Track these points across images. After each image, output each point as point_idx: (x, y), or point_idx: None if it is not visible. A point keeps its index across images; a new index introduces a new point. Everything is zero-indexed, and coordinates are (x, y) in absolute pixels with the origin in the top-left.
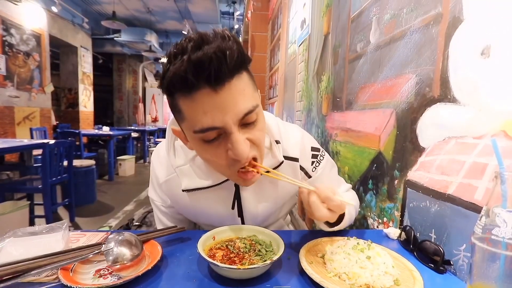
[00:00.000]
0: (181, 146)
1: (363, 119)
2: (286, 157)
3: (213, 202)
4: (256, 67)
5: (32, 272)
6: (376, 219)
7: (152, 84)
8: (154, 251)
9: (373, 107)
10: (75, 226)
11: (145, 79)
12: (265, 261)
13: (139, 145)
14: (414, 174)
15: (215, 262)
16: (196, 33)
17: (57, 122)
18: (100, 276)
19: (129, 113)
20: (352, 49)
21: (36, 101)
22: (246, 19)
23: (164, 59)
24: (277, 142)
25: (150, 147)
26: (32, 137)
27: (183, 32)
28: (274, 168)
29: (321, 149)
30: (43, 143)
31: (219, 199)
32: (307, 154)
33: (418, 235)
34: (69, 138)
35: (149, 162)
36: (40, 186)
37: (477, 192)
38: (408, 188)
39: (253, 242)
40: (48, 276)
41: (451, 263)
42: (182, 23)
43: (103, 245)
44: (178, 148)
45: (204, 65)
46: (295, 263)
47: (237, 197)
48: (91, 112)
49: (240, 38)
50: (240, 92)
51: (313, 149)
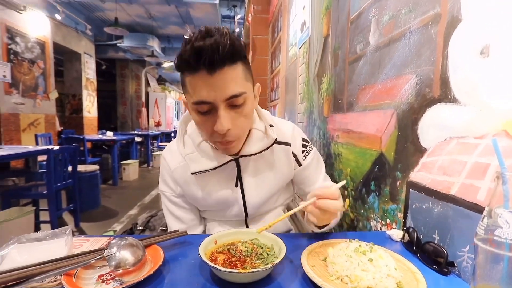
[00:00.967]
0: (189, 135)
1: (364, 121)
2: (279, 142)
3: (218, 182)
4: (257, 70)
5: (36, 278)
6: (379, 220)
7: (155, 88)
8: (156, 256)
9: (374, 108)
10: (80, 231)
11: (148, 84)
12: (266, 264)
13: (142, 149)
14: (416, 175)
15: (216, 266)
16: (205, 27)
17: (62, 128)
18: (103, 281)
19: (132, 118)
20: (352, 51)
21: (40, 107)
22: (247, 22)
23: (166, 64)
24: (271, 126)
25: (153, 151)
26: (37, 143)
27: (184, 36)
28: (268, 147)
29: (310, 142)
30: (48, 149)
31: (223, 179)
32: (297, 143)
33: (421, 237)
34: (74, 144)
35: (153, 166)
36: (45, 192)
37: (480, 193)
38: (410, 189)
39: (254, 245)
40: (51, 281)
41: (455, 264)
42: (183, 28)
43: (106, 251)
44: (186, 140)
45: (202, 52)
46: (297, 266)
47: (239, 177)
48: (95, 117)
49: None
50: (231, 78)
51: (303, 139)
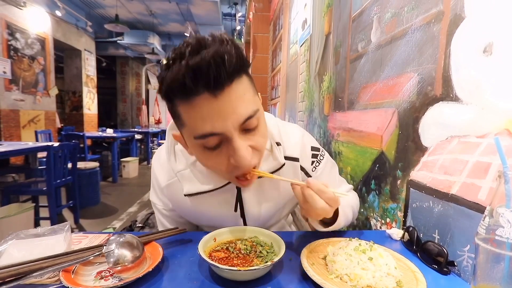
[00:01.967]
0: (181, 150)
1: (365, 119)
2: (286, 157)
3: (215, 205)
4: (258, 68)
5: (34, 274)
6: (379, 219)
7: (155, 86)
8: (155, 253)
9: (375, 106)
10: (80, 228)
11: (148, 81)
12: (266, 262)
13: (142, 147)
14: (417, 174)
15: (216, 263)
16: (193, 37)
17: (62, 124)
18: (102, 278)
19: (132, 115)
20: (353, 49)
21: (41, 104)
22: (248, 20)
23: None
24: (278, 144)
25: (153, 149)
26: (37, 140)
27: (185, 34)
28: (276, 171)
29: (321, 148)
30: (48, 145)
31: (221, 202)
32: (307, 154)
33: (421, 236)
34: (73, 141)
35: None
36: (44, 188)
37: (481, 192)
38: (411, 188)
39: (254, 243)
40: (50, 278)
41: (455, 264)
42: (184, 25)
43: (104, 247)
44: (178, 152)
45: (203, 70)
46: (297, 265)
47: (239, 199)
48: (95, 114)
49: (242, 39)
50: (240, 96)
51: (313, 148)
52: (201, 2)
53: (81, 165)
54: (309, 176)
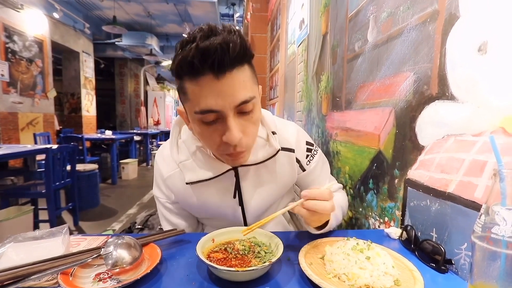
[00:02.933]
0: (184, 141)
1: (363, 118)
2: (282, 148)
3: (215, 193)
4: (256, 68)
5: (33, 277)
6: (378, 218)
7: (154, 87)
8: (153, 254)
9: (372, 106)
10: (79, 230)
11: (146, 82)
12: (264, 262)
13: (141, 148)
14: (414, 173)
15: (214, 264)
16: (206, 24)
17: (60, 127)
18: (100, 280)
19: (131, 117)
20: (350, 48)
21: (39, 106)
22: (246, 20)
23: (165, 62)
24: (274, 133)
25: (152, 150)
26: (35, 143)
27: (183, 35)
28: (271, 157)
29: (315, 144)
30: (46, 148)
31: (220, 189)
32: (302, 147)
33: (419, 235)
34: (72, 143)
35: (152, 165)
36: (44, 191)
37: (477, 190)
38: (408, 187)
39: (252, 244)
40: (48, 280)
41: (453, 262)
42: (182, 26)
43: (102, 249)
44: (181, 145)
45: (210, 53)
46: (295, 264)
47: (237, 187)
48: (93, 116)
49: None
50: (240, 82)
51: (307, 143)
52: (198, 3)
53: (80, 167)
54: (304, 169)
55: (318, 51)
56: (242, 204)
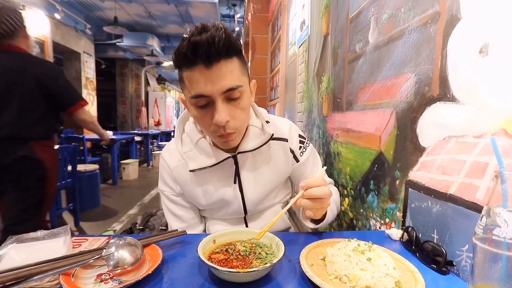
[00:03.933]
0: (188, 133)
1: (364, 120)
2: (276, 138)
3: (217, 180)
4: (257, 69)
5: (34, 277)
6: (379, 220)
7: (155, 88)
8: (155, 255)
9: (373, 107)
10: (80, 231)
11: (147, 83)
12: (265, 264)
13: (142, 148)
14: (415, 174)
15: (215, 265)
16: (201, 23)
17: (62, 127)
18: (101, 281)
19: (132, 117)
20: (351, 50)
21: None
22: (247, 21)
23: (166, 63)
24: (267, 122)
25: (153, 151)
26: None
27: (184, 35)
28: (265, 143)
29: (307, 138)
30: None
31: (221, 176)
32: (295, 139)
33: (420, 236)
34: (73, 143)
35: (153, 166)
36: None
37: (479, 192)
38: (409, 189)
39: (253, 245)
40: (50, 281)
41: (454, 264)
42: (183, 26)
43: (104, 250)
44: (185, 138)
45: (199, 46)
46: (296, 266)
47: (237, 174)
48: (94, 117)
49: (241, 40)
50: (227, 72)
51: (300, 136)
52: (199, 3)
53: (81, 167)
54: (298, 160)
55: (319, 52)
56: (242, 191)
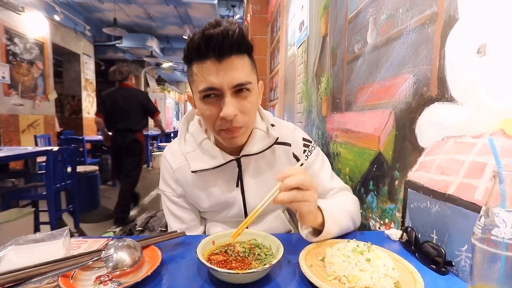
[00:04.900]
0: (191, 133)
1: (363, 120)
2: (279, 142)
3: (219, 182)
4: (256, 69)
5: (33, 279)
6: (378, 220)
7: (154, 89)
8: (154, 257)
9: (372, 107)
10: (80, 232)
11: (147, 84)
12: (264, 265)
13: None
14: (414, 175)
15: (214, 267)
16: (214, 19)
17: (61, 129)
18: (101, 282)
19: None
20: (350, 50)
21: (40, 108)
22: (246, 22)
23: (165, 64)
24: (272, 125)
25: (153, 152)
26: (36, 144)
27: (184, 37)
28: (270, 147)
29: (313, 142)
30: (47, 150)
31: (224, 179)
32: (298, 143)
33: (419, 236)
34: (73, 145)
35: (153, 167)
36: (44, 193)
37: (477, 192)
38: (408, 189)
39: (252, 246)
40: (49, 283)
41: (453, 264)
42: (182, 28)
43: (103, 252)
44: (188, 138)
45: (212, 38)
46: (295, 267)
47: (240, 177)
48: (94, 118)
49: None
50: (238, 67)
51: (304, 139)
52: (199, 5)
53: (80, 169)
54: (301, 164)
55: (318, 53)
56: (243, 195)
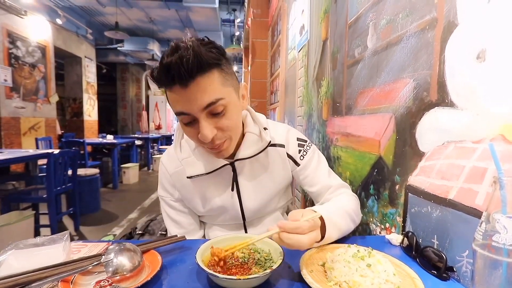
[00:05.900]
0: (186, 140)
1: (363, 124)
2: (273, 144)
3: (214, 187)
4: (257, 73)
5: (33, 284)
6: (379, 224)
7: (155, 92)
8: (154, 261)
9: (372, 112)
10: (80, 235)
11: (148, 87)
12: (264, 270)
13: (143, 152)
14: (415, 179)
15: (214, 273)
16: (175, 42)
17: (62, 131)
18: (100, 287)
19: (132, 121)
20: (350, 54)
21: (41, 111)
22: (247, 26)
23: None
24: (265, 129)
25: (154, 155)
26: (37, 147)
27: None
28: (262, 150)
29: (308, 141)
30: (48, 153)
31: (219, 184)
32: (292, 143)
33: (420, 241)
34: (74, 147)
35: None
36: (45, 196)
37: (478, 197)
38: (409, 193)
39: (251, 251)
40: None
41: (454, 269)
42: (183, 31)
43: (103, 256)
44: (183, 144)
45: (170, 68)
46: (295, 272)
47: (235, 180)
48: (95, 121)
49: (241, 45)
50: (206, 87)
51: (299, 139)
52: (200, 8)
53: (81, 171)
54: (298, 164)
55: (319, 57)
56: (240, 198)
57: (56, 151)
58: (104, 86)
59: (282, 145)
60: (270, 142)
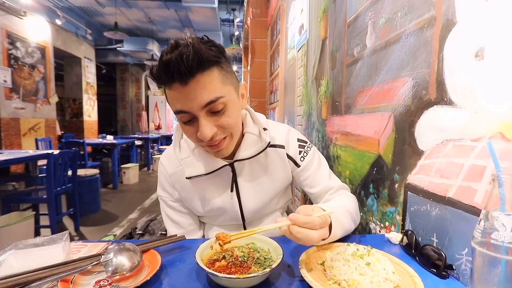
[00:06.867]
0: (185, 140)
1: (362, 123)
2: (272, 145)
3: (214, 187)
4: (256, 72)
5: (33, 284)
6: (378, 223)
7: (155, 92)
8: (153, 261)
9: (372, 110)
10: (80, 235)
11: (148, 87)
12: (264, 269)
13: (142, 152)
14: (414, 178)
15: (213, 272)
16: (174, 40)
17: (62, 132)
18: (100, 287)
19: (132, 122)
20: (349, 54)
21: (41, 112)
22: (246, 25)
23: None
24: (265, 129)
25: (154, 155)
26: (37, 148)
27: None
28: (262, 151)
29: (309, 142)
30: (48, 153)
31: (219, 184)
32: (293, 144)
33: (419, 240)
34: (74, 148)
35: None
36: (45, 196)
37: (477, 195)
38: (408, 192)
39: (251, 250)
40: None
41: (454, 267)
42: (183, 31)
43: (103, 256)
44: (182, 144)
45: (170, 66)
46: (295, 270)
47: (234, 181)
48: (95, 121)
49: (240, 44)
50: (205, 85)
51: (299, 140)
52: (199, 8)
53: (81, 172)
54: (298, 165)
55: (318, 56)
56: (239, 199)
57: (56, 151)
58: (104, 87)
59: (282, 146)
60: (269, 143)
